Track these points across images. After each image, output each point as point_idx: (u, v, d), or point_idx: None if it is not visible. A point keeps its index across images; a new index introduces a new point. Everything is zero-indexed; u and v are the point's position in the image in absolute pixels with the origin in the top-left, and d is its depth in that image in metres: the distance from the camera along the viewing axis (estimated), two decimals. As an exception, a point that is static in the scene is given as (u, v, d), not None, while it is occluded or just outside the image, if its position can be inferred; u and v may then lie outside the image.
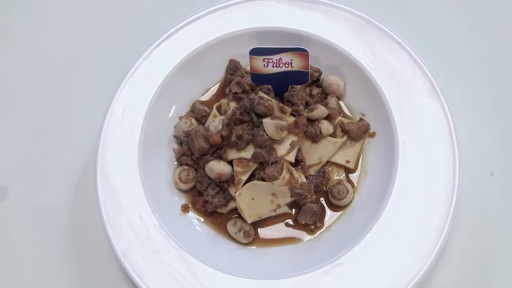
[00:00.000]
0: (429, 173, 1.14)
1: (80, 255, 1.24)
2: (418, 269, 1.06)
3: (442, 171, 1.14)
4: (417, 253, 1.08)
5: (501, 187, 1.27)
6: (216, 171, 1.15)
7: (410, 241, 1.09)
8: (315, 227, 1.19)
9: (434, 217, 1.10)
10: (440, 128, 1.17)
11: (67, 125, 1.35)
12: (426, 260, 1.07)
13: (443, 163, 1.14)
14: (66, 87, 1.39)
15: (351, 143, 1.24)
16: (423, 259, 1.07)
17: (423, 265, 1.06)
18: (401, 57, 1.23)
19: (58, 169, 1.30)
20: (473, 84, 1.38)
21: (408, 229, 1.11)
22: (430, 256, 1.07)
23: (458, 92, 1.34)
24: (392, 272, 1.07)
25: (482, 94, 1.37)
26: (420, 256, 1.07)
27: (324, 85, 1.28)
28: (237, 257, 1.16)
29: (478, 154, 1.29)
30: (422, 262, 1.07)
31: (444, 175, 1.13)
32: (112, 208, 1.12)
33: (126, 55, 1.30)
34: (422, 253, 1.08)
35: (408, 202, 1.13)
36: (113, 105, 1.20)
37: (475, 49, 1.42)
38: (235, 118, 1.16)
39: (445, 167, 1.14)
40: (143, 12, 1.48)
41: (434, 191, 1.13)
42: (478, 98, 1.36)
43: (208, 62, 1.29)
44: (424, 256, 1.07)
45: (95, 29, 1.47)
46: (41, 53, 1.44)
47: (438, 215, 1.10)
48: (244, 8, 1.29)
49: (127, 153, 1.18)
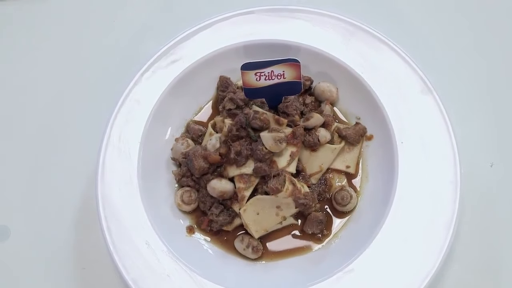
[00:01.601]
0: (430, 171, 1.15)
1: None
2: (430, 267, 1.06)
3: (443, 168, 1.14)
4: (427, 251, 1.08)
5: (501, 177, 1.28)
6: (218, 190, 1.15)
7: (419, 241, 1.10)
8: (323, 236, 1.19)
9: (440, 214, 1.11)
10: (436, 125, 1.18)
11: (64, 158, 1.33)
12: (437, 257, 1.07)
13: (443, 159, 1.15)
14: (59, 120, 1.38)
15: (350, 148, 1.24)
16: (434, 256, 1.07)
17: (435, 262, 1.07)
18: (390, 58, 1.24)
19: (59, 203, 1.29)
20: (464, 79, 1.39)
21: (416, 229, 1.11)
22: (441, 253, 1.07)
23: (449, 88, 1.34)
24: (405, 273, 1.07)
25: (474, 89, 1.38)
26: (431, 253, 1.08)
27: (316, 93, 1.28)
28: (248, 273, 1.16)
29: (476, 147, 1.30)
30: (433, 259, 1.07)
31: (446, 171, 1.14)
32: (118, 236, 1.11)
33: (116, 82, 1.30)
34: (432, 251, 1.08)
35: (413, 202, 1.13)
36: (108, 134, 1.19)
37: (463, 45, 1.43)
38: (232, 135, 1.15)
39: (445, 163, 1.14)
40: (128, 38, 1.47)
41: (437, 188, 1.13)
42: (470, 92, 1.37)
43: (198, 81, 1.29)
44: (435, 253, 1.07)
45: (80, 60, 1.45)
46: (29, 89, 1.43)
47: (443, 212, 1.11)
48: (229, 24, 1.29)
49: (127, 180, 1.17)
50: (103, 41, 1.47)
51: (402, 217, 1.12)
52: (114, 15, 1.51)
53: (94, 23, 1.50)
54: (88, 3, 1.52)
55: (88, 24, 1.50)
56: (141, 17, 1.50)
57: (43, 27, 1.50)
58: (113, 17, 1.50)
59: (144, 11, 1.51)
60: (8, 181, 1.32)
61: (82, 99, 1.40)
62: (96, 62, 1.45)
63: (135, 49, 1.45)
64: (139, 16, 1.50)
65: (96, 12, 1.52)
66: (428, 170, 1.15)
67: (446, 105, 1.19)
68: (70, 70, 1.44)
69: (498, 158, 1.29)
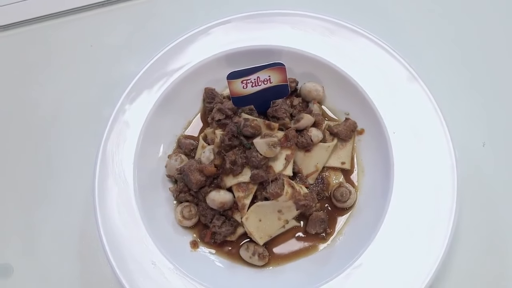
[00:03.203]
0: (426, 157, 1.15)
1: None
2: (438, 251, 1.07)
3: (437, 153, 1.15)
4: (432, 236, 1.09)
5: (495, 154, 1.29)
6: (218, 201, 1.14)
7: (423, 228, 1.10)
8: (326, 234, 1.19)
9: (440, 199, 1.11)
10: (425, 111, 1.18)
11: (59, 189, 1.32)
12: (443, 241, 1.08)
13: (436, 145, 1.16)
14: (49, 152, 1.37)
15: (342, 145, 1.24)
16: (439, 240, 1.08)
17: (441, 245, 1.07)
18: (372, 51, 1.24)
19: (59, 236, 1.27)
20: (446, 65, 1.40)
21: (418, 216, 1.11)
22: (446, 236, 1.08)
23: (433, 74, 1.35)
24: (413, 260, 1.08)
25: (457, 73, 1.39)
26: (436, 238, 1.08)
27: (303, 94, 1.28)
28: (257, 280, 1.16)
29: (466, 129, 1.31)
30: (439, 243, 1.07)
31: (440, 156, 1.15)
32: (123, 260, 1.11)
33: (101, 107, 1.32)
34: (437, 235, 1.08)
35: (412, 190, 1.13)
36: (100, 159, 1.18)
37: (442, 33, 1.45)
38: (224, 145, 1.15)
39: (439, 148, 1.15)
40: (107, 62, 1.47)
41: (434, 174, 1.14)
42: (453, 77, 1.39)
43: (183, 96, 1.28)
44: (440, 237, 1.08)
45: (62, 88, 1.45)
46: (19, 122, 1.42)
47: (444, 196, 1.11)
48: (207, 35, 1.29)
49: (125, 202, 1.16)
50: (81, 67, 1.47)
51: (403, 206, 1.12)
52: (90, 40, 1.50)
53: (71, 50, 1.50)
54: (66, 30, 1.52)
55: (65, 51, 1.50)
56: (118, 40, 1.50)
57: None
58: (90, 41, 1.50)
59: (119, 34, 1.51)
60: (7, 219, 1.31)
61: (68, 127, 1.39)
62: (78, 89, 1.44)
63: (116, 71, 1.44)
64: (115, 39, 1.50)
65: (72, 38, 1.51)
66: (423, 157, 1.15)
67: (432, 91, 1.20)
68: (56, 99, 1.43)
69: (489, 137, 1.31)
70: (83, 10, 1.53)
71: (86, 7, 1.53)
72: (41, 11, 1.52)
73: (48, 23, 1.53)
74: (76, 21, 1.53)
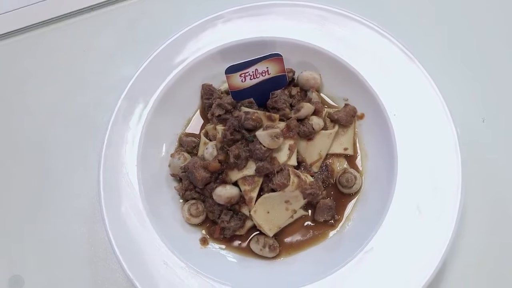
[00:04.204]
0: (427, 137, 1.16)
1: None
2: (448, 230, 1.07)
3: (439, 132, 1.15)
4: (441, 215, 1.09)
5: (495, 129, 1.31)
6: (224, 196, 1.15)
7: (431, 207, 1.10)
8: (335, 221, 1.19)
9: (446, 177, 1.11)
10: (424, 91, 1.19)
11: (64, 196, 1.32)
12: (452, 218, 1.08)
13: (437, 124, 1.16)
14: (48, 160, 1.37)
15: (344, 131, 1.25)
16: (449, 218, 1.08)
17: (451, 223, 1.07)
18: (367, 35, 1.25)
19: (68, 243, 1.27)
20: (440, 45, 1.42)
21: (425, 196, 1.11)
22: (455, 213, 1.08)
23: (431, 55, 1.36)
24: (424, 241, 1.08)
25: (451, 52, 1.41)
26: (445, 216, 1.08)
27: (301, 83, 1.28)
28: (270, 272, 1.16)
29: (465, 106, 1.32)
30: (449, 221, 1.08)
31: (442, 135, 1.15)
32: (135, 262, 1.10)
33: (99, 111, 1.34)
34: (446, 213, 1.09)
35: (417, 171, 1.14)
36: (103, 164, 1.18)
37: (432, 13, 1.47)
38: (227, 140, 1.15)
39: (440, 127, 1.16)
40: (101, 67, 1.47)
41: (438, 153, 1.14)
42: (448, 56, 1.40)
43: (181, 94, 1.28)
44: (449, 214, 1.08)
45: (60, 94, 1.44)
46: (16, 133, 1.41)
47: (449, 175, 1.11)
48: (201, 31, 1.29)
49: (132, 205, 1.16)
50: (75, 73, 1.46)
51: (410, 188, 1.12)
52: (82, 45, 1.50)
53: (64, 56, 1.49)
54: (57, 37, 1.52)
55: (58, 57, 1.49)
56: (110, 43, 1.49)
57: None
58: (82, 46, 1.49)
59: (111, 37, 1.50)
60: (15, 231, 1.30)
61: (67, 135, 1.39)
62: (74, 95, 1.43)
63: (111, 75, 1.44)
64: (107, 42, 1.50)
65: (64, 44, 1.51)
66: (425, 137, 1.16)
67: (429, 71, 1.20)
68: (51, 107, 1.43)
69: (487, 113, 1.32)
70: (72, 16, 1.53)
71: (75, 13, 1.53)
72: (30, 20, 1.52)
73: (38, 32, 1.53)
74: (66, 27, 1.53)
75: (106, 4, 1.54)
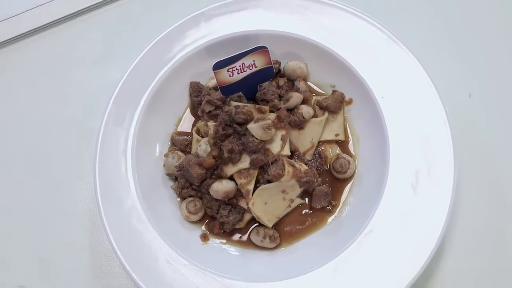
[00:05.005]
0: (417, 116, 1.17)
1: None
2: (445, 206, 1.09)
3: (427, 110, 1.17)
4: (436, 192, 1.11)
5: (481, 103, 1.33)
6: (222, 191, 1.15)
7: (426, 184, 1.12)
8: (332, 206, 1.21)
9: (438, 154, 1.13)
10: (409, 71, 1.21)
11: (62, 203, 1.33)
12: (447, 193, 1.10)
13: (425, 102, 1.18)
14: (43, 172, 1.37)
15: (334, 117, 1.26)
16: (445, 194, 1.10)
17: (447, 198, 1.09)
18: (348, 20, 1.26)
19: (70, 251, 1.28)
20: (421, 26, 1.44)
21: (420, 175, 1.13)
22: (449, 189, 1.10)
23: (414, 34, 1.39)
24: (422, 218, 1.10)
25: (432, 31, 1.43)
26: (441, 193, 1.10)
27: (287, 73, 1.29)
28: (273, 262, 1.17)
29: (450, 82, 1.34)
30: (445, 197, 1.10)
31: (431, 113, 1.17)
32: (139, 265, 1.11)
33: (89, 119, 1.35)
34: (442, 190, 1.11)
35: (409, 151, 1.15)
36: (98, 169, 1.18)
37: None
38: (219, 135, 1.16)
39: (428, 105, 1.17)
40: (85, 73, 1.47)
41: (428, 131, 1.16)
42: (430, 35, 1.42)
43: (169, 94, 1.29)
44: (445, 191, 1.10)
45: (51, 101, 1.44)
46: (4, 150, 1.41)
47: (441, 152, 1.13)
48: (184, 29, 1.29)
49: (130, 208, 1.16)
50: (61, 83, 1.46)
51: (403, 167, 1.14)
52: (63, 55, 1.50)
53: (46, 67, 1.49)
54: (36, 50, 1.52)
55: (40, 69, 1.49)
56: (94, 50, 1.49)
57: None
58: (63, 56, 1.49)
59: (94, 44, 1.50)
60: (18, 243, 1.30)
61: (59, 145, 1.39)
62: (62, 106, 1.43)
63: (96, 82, 1.44)
64: (91, 49, 1.50)
65: (45, 56, 1.50)
66: (414, 116, 1.17)
67: (412, 51, 1.22)
68: (41, 120, 1.43)
69: (473, 88, 1.34)
70: (51, 26, 1.53)
71: (55, 22, 1.53)
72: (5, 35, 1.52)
73: (11, 47, 1.53)
74: (45, 38, 1.52)
75: (86, 11, 1.54)
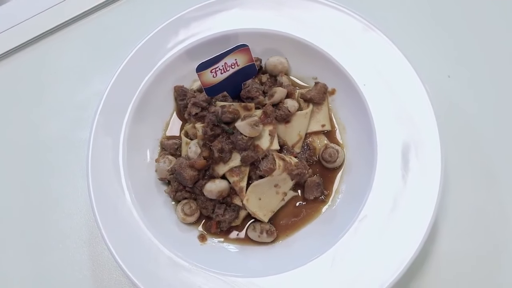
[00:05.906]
0: (399, 100, 1.19)
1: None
2: (436, 185, 1.11)
3: (409, 93, 1.19)
4: (427, 172, 1.13)
5: (461, 83, 1.36)
6: (215, 191, 1.17)
7: (416, 165, 1.14)
8: (325, 196, 1.22)
9: (425, 136, 1.15)
10: (388, 56, 1.23)
11: (57, 218, 1.33)
12: (437, 173, 1.12)
13: (406, 85, 1.20)
14: (37, 187, 1.37)
15: (318, 108, 1.28)
16: (435, 173, 1.12)
17: (438, 178, 1.11)
18: (323, 12, 1.28)
19: (68, 266, 1.28)
20: (396, 11, 1.46)
21: (408, 157, 1.15)
22: (438, 168, 1.12)
23: (390, 20, 1.42)
24: (413, 201, 1.11)
25: (408, 15, 1.46)
26: (432, 173, 1.12)
27: (269, 69, 1.31)
28: (272, 256, 1.18)
29: (428, 64, 1.37)
30: (436, 177, 1.12)
31: (413, 94, 1.19)
32: (139, 269, 1.11)
33: (77, 130, 1.36)
34: (432, 170, 1.12)
35: (395, 134, 1.17)
36: (92, 180, 1.18)
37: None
38: (208, 136, 1.17)
39: (410, 88, 1.19)
40: (71, 85, 1.47)
41: (412, 113, 1.18)
42: (405, 19, 1.45)
43: (154, 100, 1.30)
44: (435, 170, 1.12)
45: (34, 124, 1.44)
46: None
47: (427, 133, 1.15)
48: (164, 34, 1.30)
49: (127, 216, 1.17)
50: (47, 97, 1.47)
51: (391, 151, 1.16)
52: (50, 67, 1.50)
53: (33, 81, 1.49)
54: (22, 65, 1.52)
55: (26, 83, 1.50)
56: (77, 62, 1.50)
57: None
58: (51, 69, 1.50)
59: (77, 56, 1.51)
60: (15, 261, 1.31)
61: (50, 158, 1.39)
62: (50, 119, 1.44)
63: (81, 94, 1.45)
64: (74, 61, 1.50)
65: (31, 69, 1.51)
66: (397, 100, 1.19)
67: (389, 36, 1.24)
68: (30, 133, 1.43)
69: (452, 69, 1.37)
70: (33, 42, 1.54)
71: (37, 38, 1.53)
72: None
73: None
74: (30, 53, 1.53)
75: (66, 24, 1.55)
